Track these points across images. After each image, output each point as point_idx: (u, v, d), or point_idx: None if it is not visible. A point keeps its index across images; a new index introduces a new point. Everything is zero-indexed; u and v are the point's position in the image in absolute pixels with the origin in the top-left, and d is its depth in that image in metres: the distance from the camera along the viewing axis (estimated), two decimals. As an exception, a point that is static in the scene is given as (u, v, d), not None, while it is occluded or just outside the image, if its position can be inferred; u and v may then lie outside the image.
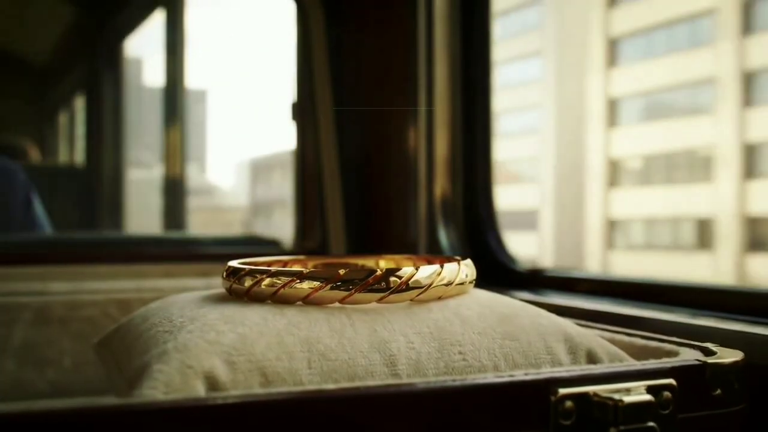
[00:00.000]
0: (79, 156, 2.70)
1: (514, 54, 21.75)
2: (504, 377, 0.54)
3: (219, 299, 0.64)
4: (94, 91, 2.46)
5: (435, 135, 1.15)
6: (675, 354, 0.64)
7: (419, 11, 1.16)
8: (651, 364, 0.58)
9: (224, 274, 0.64)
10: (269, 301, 0.61)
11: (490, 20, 1.16)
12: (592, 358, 0.63)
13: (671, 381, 0.57)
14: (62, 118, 2.67)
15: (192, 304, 0.63)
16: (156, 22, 2.46)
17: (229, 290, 0.64)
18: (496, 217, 1.15)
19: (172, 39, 2.44)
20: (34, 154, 2.34)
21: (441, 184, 1.16)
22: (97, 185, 2.42)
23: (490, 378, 0.53)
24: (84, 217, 2.36)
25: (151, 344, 0.58)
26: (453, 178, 1.16)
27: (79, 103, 2.66)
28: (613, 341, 0.69)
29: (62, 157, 2.70)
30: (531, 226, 20.62)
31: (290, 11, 1.32)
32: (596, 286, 0.98)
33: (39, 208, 1.46)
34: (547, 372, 0.55)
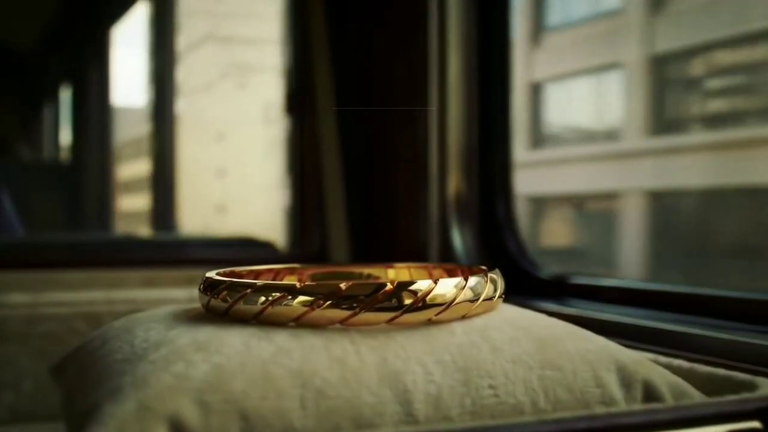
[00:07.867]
0: (64, 151, 2.60)
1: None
2: (549, 422, 0.42)
3: (194, 319, 0.53)
4: (79, 82, 2.36)
5: (448, 127, 1.05)
6: (751, 387, 0.52)
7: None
8: (729, 402, 0.47)
9: (201, 287, 0.53)
10: (254, 322, 0.50)
11: None
12: (650, 392, 0.52)
13: (755, 424, 0.46)
14: (47, 111, 2.57)
15: (160, 325, 0.52)
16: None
17: (207, 307, 0.53)
18: (515, 217, 1.04)
19: (160, 31, 2.35)
20: (24, 150, 2.24)
21: (454, 182, 1.05)
22: (82, 182, 2.32)
23: (533, 424, 0.42)
24: (66, 218, 2.25)
25: (105, 377, 0.47)
26: (468, 175, 1.05)
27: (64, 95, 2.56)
28: (669, 368, 0.57)
29: (46, 151, 2.59)
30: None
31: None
32: (632, 296, 0.86)
33: (9, 208, 1.36)
34: (603, 415, 0.44)
